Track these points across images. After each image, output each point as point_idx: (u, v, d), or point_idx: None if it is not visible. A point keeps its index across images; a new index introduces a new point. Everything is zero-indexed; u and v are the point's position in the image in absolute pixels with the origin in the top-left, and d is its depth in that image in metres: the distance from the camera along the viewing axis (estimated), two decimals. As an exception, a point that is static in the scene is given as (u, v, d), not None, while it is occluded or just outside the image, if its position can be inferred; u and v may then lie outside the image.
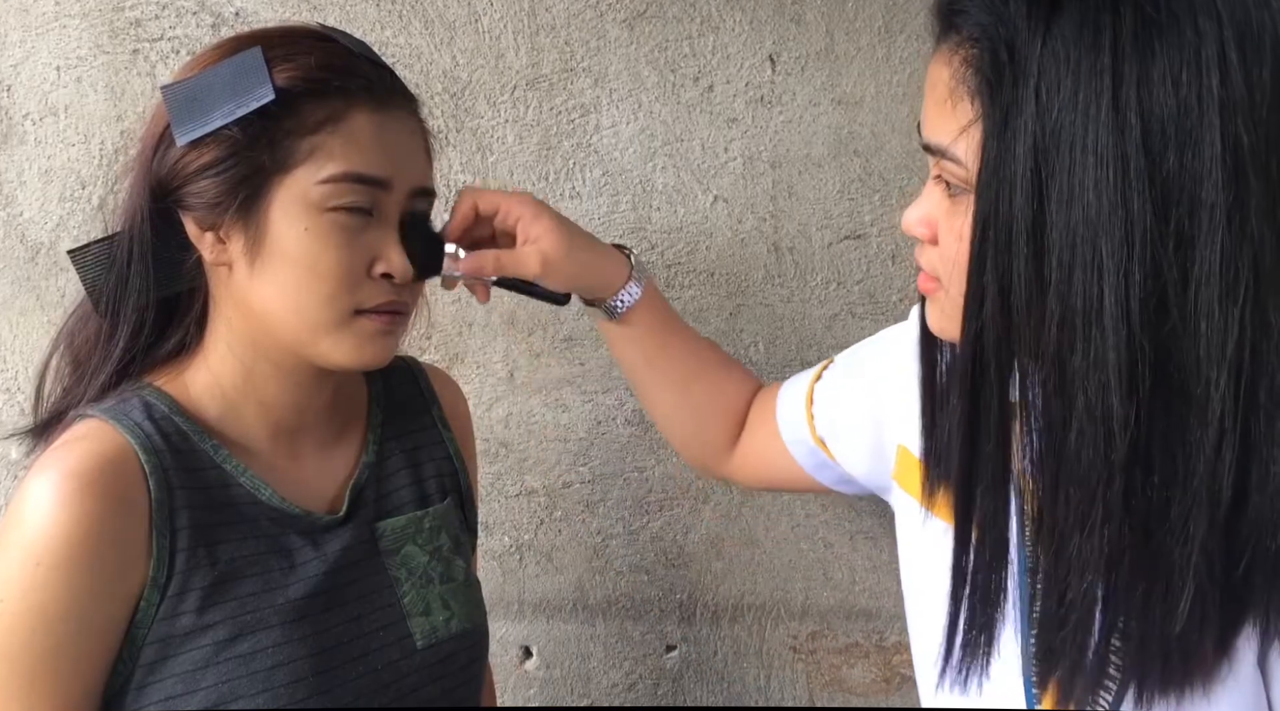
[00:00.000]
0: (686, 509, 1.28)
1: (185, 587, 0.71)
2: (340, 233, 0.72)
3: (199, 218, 0.73)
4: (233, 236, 0.73)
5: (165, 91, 0.73)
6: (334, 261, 0.72)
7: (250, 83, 0.70)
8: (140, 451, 0.71)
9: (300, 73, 0.72)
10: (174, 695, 0.69)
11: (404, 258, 0.75)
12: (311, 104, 0.72)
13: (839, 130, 1.20)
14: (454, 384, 0.98)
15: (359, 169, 0.72)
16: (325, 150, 0.71)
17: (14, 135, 1.21)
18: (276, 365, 0.77)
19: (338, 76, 0.73)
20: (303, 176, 0.71)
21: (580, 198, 1.22)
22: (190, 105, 0.71)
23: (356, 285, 0.74)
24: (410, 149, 0.78)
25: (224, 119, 0.70)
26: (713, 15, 1.18)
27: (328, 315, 0.73)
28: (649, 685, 1.30)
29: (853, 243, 1.22)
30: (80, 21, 1.19)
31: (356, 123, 0.73)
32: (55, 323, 1.23)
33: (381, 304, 0.75)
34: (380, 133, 0.74)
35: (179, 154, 0.72)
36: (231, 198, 0.71)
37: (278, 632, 0.73)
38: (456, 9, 1.19)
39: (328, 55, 0.74)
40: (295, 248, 0.72)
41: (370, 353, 0.75)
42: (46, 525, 0.66)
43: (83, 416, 0.74)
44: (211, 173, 0.71)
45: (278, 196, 0.72)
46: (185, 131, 0.71)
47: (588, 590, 1.29)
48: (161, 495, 0.70)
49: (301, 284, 0.72)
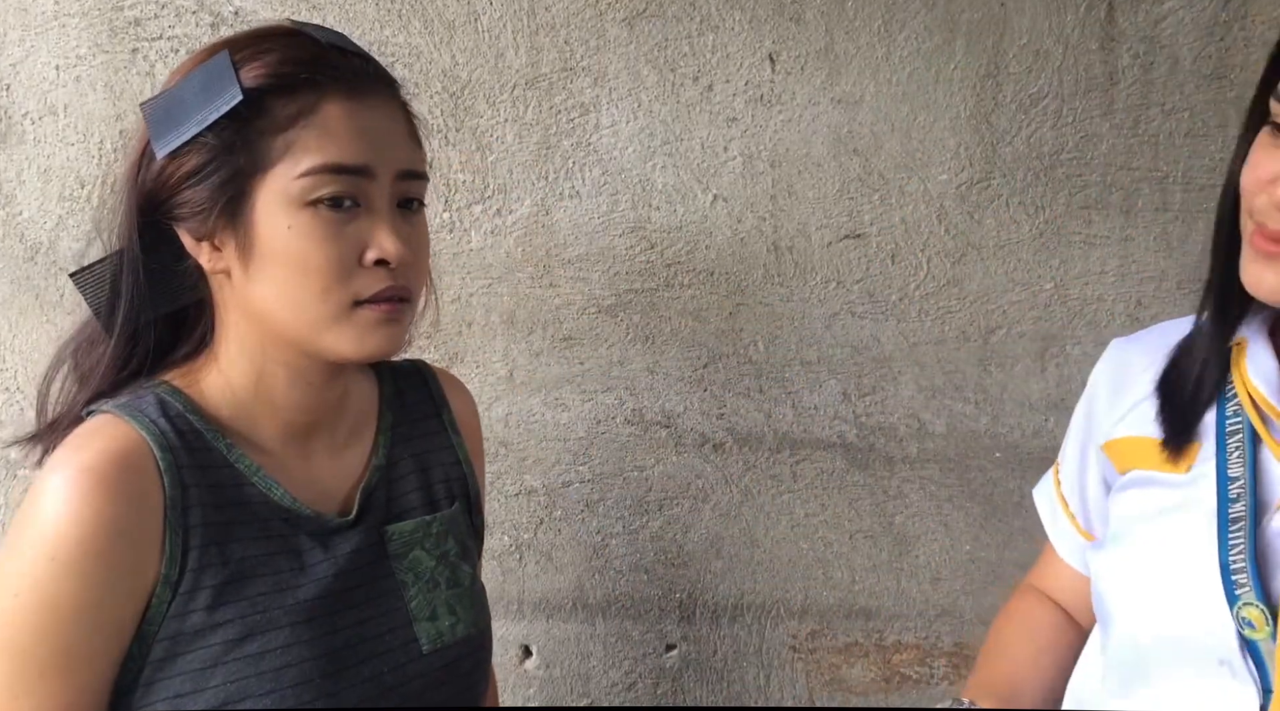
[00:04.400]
0: (686, 508, 1.28)
1: (197, 585, 0.70)
2: (325, 226, 0.71)
3: (191, 228, 0.73)
4: (225, 242, 0.73)
5: (144, 108, 0.73)
6: (323, 255, 0.72)
7: (218, 87, 0.70)
8: (155, 448, 0.70)
9: (266, 69, 0.71)
10: (182, 693, 0.69)
11: (395, 240, 0.74)
12: (281, 100, 0.71)
13: (838, 129, 1.20)
14: (465, 389, 0.97)
15: (336, 159, 0.71)
16: (300, 144, 0.71)
17: (13, 134, 1.21)
18: (286, 365, 0.77)
19: (305, 69, 0.72)
20: (281, 173, 0.71)
21: (580, 197, 1.22)
22: (166, 117, 0.72)
23: (349, 276, 0.73)
24: (391, 133, 0.76)
25: (198, 127, 0.70)
26: (712, 14, 1.18)
27: (325, 310, 0.73)
28: (648, 684, 1.30)
29: (852, 242, 1.22)
30: (79, 20, 1.19)
31: (329, 113, 0.72)
32: (54, 322, 1.24)
33: (380, 292, 0.74)
34: (355, 121, 0.73)
35: (161, 167, 0.72)
36: (216, 203, 0.71)
37: (287, 633, 0.73)
38: (456, 8, 1.18)
39: (294, 49, 0.73)
40: (282, 246, 0.71)
41: (374, 342, 0.75)
42: (61, 521, 0.66)
43: (98, 412, 0.74)
44: (194, 181, 0.71)
45: (260, 196, 0.71)
46: (163, 143, 0.71)
47: (587, 589, 1.29)
48: (175, 492, 0.70)
49: (294, 281, 0.72)
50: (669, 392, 1.26)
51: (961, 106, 1.19)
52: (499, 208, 1.22)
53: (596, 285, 1.24)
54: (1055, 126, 1.19)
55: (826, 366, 1.25)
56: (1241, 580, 0.67)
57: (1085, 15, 1.17)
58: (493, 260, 1.23)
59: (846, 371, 1.25)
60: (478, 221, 1.22)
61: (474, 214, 1.22)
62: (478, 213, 1.22)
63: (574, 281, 1.24)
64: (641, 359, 1.25)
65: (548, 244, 1.23)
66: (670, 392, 1.26)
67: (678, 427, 1.26)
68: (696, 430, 1.26)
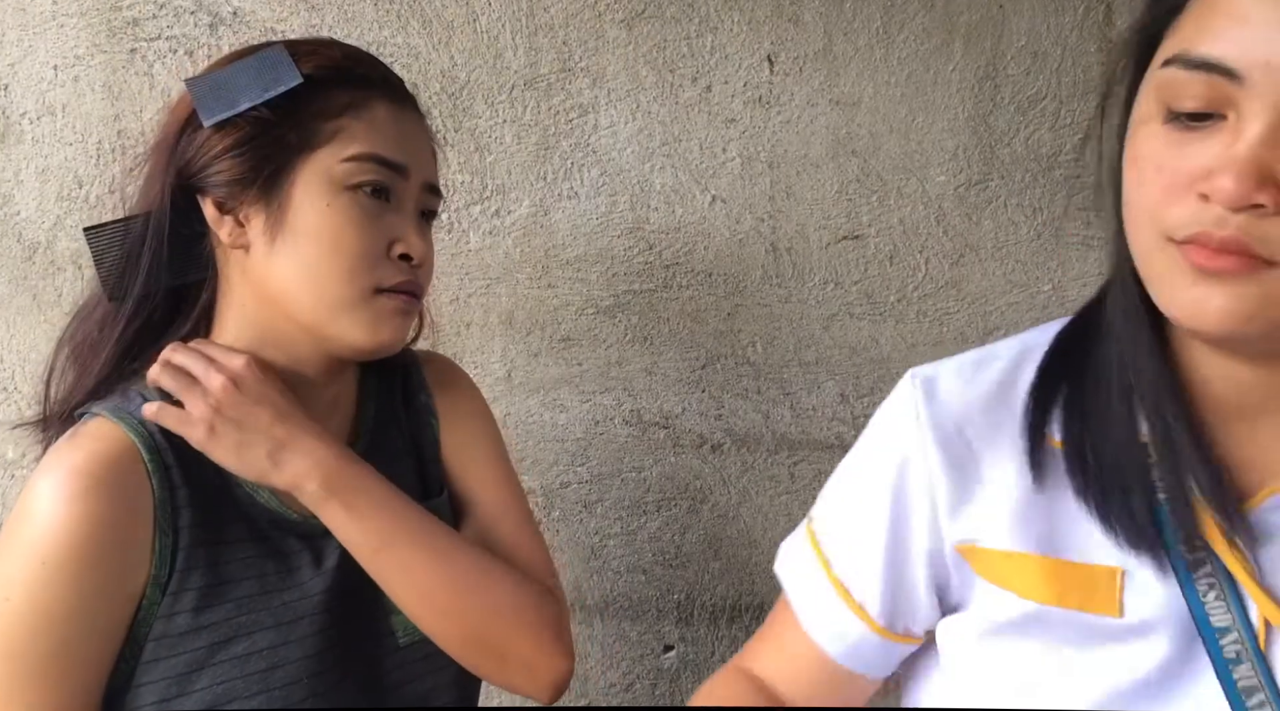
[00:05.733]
0: (684, 509, 1.28)
1: (183, 587, 0.70)
2: (361, 211, 0.75)
3: (219, 199, 0.75)
4: (253, 216, 0.75)
5: (191, 83, 0.76)
6: (355, 238, 0.75)
7: (277, 71, 0.74)
8: (144, 450, 0.71)
9: (326, 62, 0.77)
10: (168, 697, 0.69)
11: (421, 240, 0.78)
12: (337, 89, 0.76)
13: (837, 130, 1.20)
14: (456, 377, 0.94)
15: (381, 151, 0.76)
16: (349, 132, 0.75)
17: (11, 134, 1.20)
18: (286, 353, 0.78)
19: (360, 66, 0.79)
20: (326, 155, 0.75)
21: (578, 197, 1.22)
22: (216, 92, 0.75)
23: (376, 263, 0.76)
24: (423, 145, 0.82)
25: (252, 102, 0.74)
26: (711, 15, 1.18)
27: (348, 292, 0.75)
28: (646, 685, 1.30)
29: (850, 243, 1.22)
30: (78, 20, 1.19)
31: (377, 111, 0.77)
32: (52, 321, 1.24)
33: (400, 283, 0.77)
34: (399, 123, 0.79)
35: (205, 136, 0.75)
36: (256, 175, 0.74)
37: (273, 635, 0.73)
38: (454, 8, 1.18)
39: (348, 51, 0.80)
40: (318, 223, 0.74)
41: (387, 332, 0.77)
42: (52, 524, 0.66)
43: (88, 415, 0.74)
44: (236, 151, 0.74)
45: (301, 174, 0.74)
46: (212, 113, 0.74)
47: (585, 590, 1.29)
48: (164, 494, 0.71)
49: (323, 259, 0.74)
50: (667, 393, 1.26)
51: (960, 108, 1.19)
52: (497, 208, 1.22)
53: (595, 286, 1.24)
54: (1053, 128, 1.19)
55: (825, 367, 1.25)
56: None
57: (1083, 17, 1.17)
58: (491, 261, 1.23)
59: (844, 372, 1.25)
60: (476, 222, 1.22)
61: (472, 214, 1.22)
62: (476, 213, 1.22)
63: (572, 282, 1.24)
64: (640, 360, 1.25)
65: (546, 244, 1.23)
66: (668, 393, 1.26)
67: (676, 428, 1.26)
68: (694, 431, 1.26)
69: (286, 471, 0.74)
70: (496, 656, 0.78)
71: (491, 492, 0.89)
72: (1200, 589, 0.55)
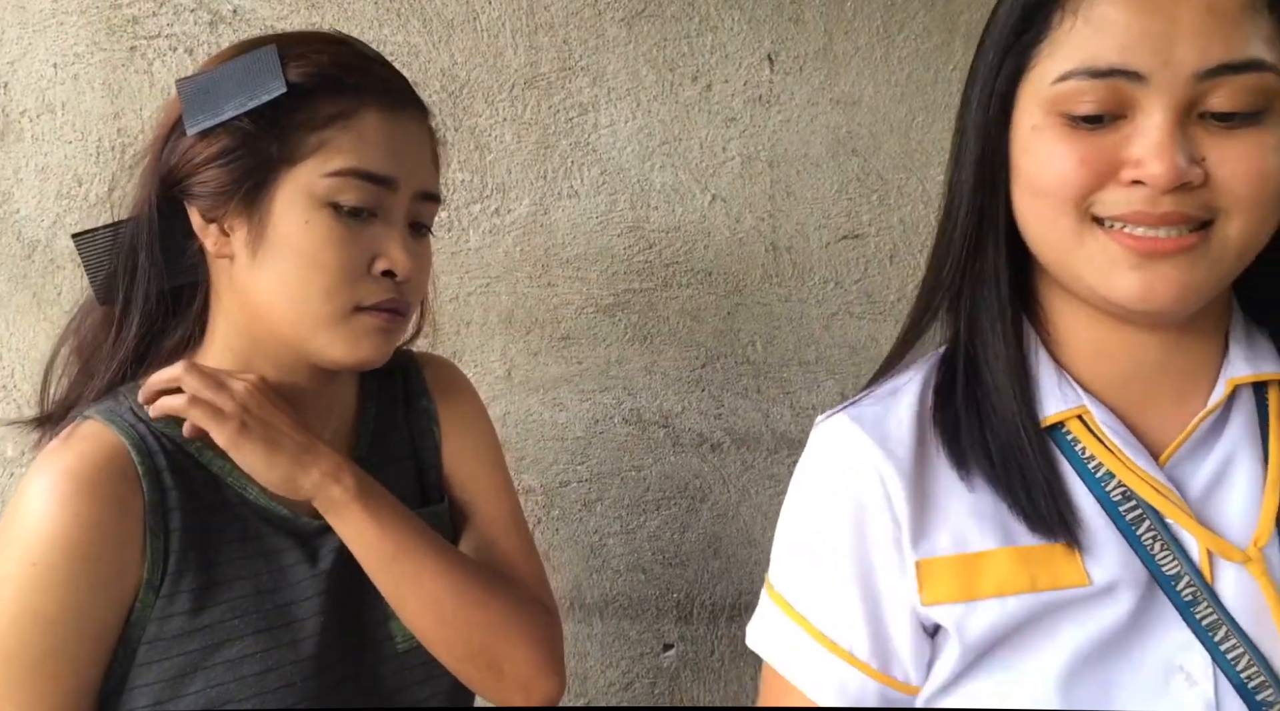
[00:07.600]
0: (684, 508, 1.28)
1: (176, 589, 0.70)
2: (342, 227, 0.73)
3: (203, 208, 0.74)
4: (236, 227, 0.73)
5: (180, 84, 0.74)
6: (334, 256, 0.73)
7: (263, 77, 0.72)
8: (134, 452, 0.70)
9: (314, 69, 0.73)
10: (161, 700, 0.69)
11: (406, 255, 0.75)
12: (324, 99, 0.73)
13: (837, 130, 1.20)
14: (456, 381, 0.94)
15: (366, 166, 0.73)
16: (334, 145, 0.73)
17: (11, 132, 1.20)
18: (274, 362, 0.77)
19: (351, 74, 0.74)
20: (309, 169, 0.72)
21: (578, 196, 1.22)
22: (203, 97, 0.73)
23: (357, 280, 0.74)
24: (418, 153, 0.79)
25: (235, 110, 0.72)
26: (711, 14, 1.18)
27: (327, 309, 0.73)
28: (646, 684, 1.30)
29: (850, 242, 1.22)
30: (78, 18, 1.19)
31: (367, 121, 0.74)
32: (51, 320, 1.23)
33: (382, 301, 0.75)
34: (389, 133, 0.75)
35: (189, 143, 0.73)
36: (237, 187, 0.72)
37: (267, 638, 0.72)
38: (455, 7, 1.18)
39: (343, 55, 0.76)
40: (297, 239, 0.72)
41: (366, 349, 0.75)
42: (43, 526, 0.66)
43: (80, 417, 0.74)
44: (219, 162, 0.72)
45: (283, 188, 0.72)
46: (196, 121, 0.72)
47: (585, 589, 1.29)
48: (155, 496, 0.70)
49: (302, 276, 0.72)
50: (667, 392, 1.26)
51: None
52: (497, 207, 1.22)
53: (595, 285, 1.24)
54: (1053, 127, 1.19)
55: (824, 366, 1.25)
56: (1270, 697, 0.56)
57: (1084, 16, 1.17)
58: (491, 259, 1.23)
59: (844, 372, 1.25)
60: (476, 221, 1.22)
61: (472, 213, 1.22)
62: (476, 212, 1.22)
63: (572, 281, 1.24)
64: (639, 359, 1.25)
65: (546, 243, 1.23)
66: (668, 392, 1.26)
67: (675, 427, 1.26)
68: (694, 430, 1.26)
69: (314, 471, 0.73)
70: (494, 670, 0.78)
71: (493, 505, 0.89)
72: (1146, 542, 0.59)
